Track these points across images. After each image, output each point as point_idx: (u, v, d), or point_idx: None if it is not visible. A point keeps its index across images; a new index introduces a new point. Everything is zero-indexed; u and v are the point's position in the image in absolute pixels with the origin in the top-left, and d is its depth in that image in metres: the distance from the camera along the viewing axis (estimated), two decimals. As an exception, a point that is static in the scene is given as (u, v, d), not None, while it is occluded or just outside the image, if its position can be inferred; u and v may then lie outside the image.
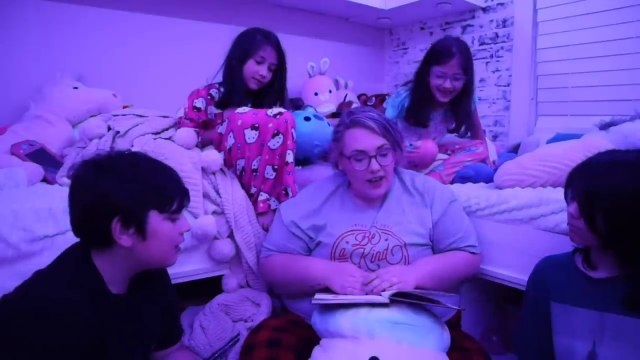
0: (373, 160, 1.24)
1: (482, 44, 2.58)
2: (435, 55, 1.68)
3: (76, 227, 0.91)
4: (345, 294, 1.10)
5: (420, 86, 1.73)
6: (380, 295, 1.06)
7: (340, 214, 1.31)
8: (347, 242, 1.25)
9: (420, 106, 1.74)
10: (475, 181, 1.69)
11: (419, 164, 1.69)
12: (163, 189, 0.93)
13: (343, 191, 1.37)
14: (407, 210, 1.30)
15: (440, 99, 1.69)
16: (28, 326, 0.78)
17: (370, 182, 1.26)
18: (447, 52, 1.64)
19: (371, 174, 1.24)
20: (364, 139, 1.24)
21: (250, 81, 1.66)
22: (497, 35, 2.50)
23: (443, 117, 1.81)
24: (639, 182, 0.90)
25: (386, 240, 1.25)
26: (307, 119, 1.73)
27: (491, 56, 2.53)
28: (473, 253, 1.31)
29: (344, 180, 1.39)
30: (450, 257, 1.28)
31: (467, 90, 1.70)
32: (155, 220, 0.91)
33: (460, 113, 1.75)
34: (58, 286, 0.85)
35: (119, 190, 0.87)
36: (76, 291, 0.85)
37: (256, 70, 1.64)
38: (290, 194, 1.49)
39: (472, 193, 1.52)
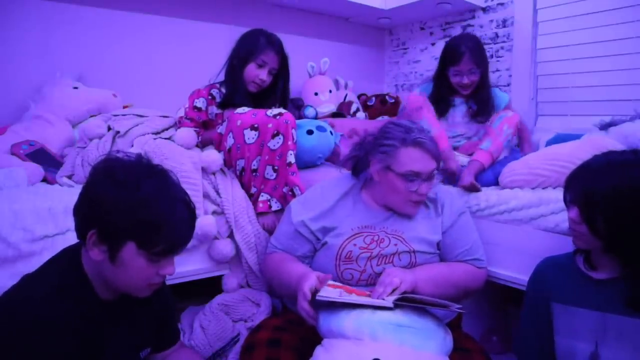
0: (424, 183, 1.23)
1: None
2: (449, 57, 1.84)
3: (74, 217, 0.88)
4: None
5: (440, 84, 1.90)
6: (384, 299, 1.06)
7: (351, 216, 1.29)
8: (355, 245, 1.24)
9: (441, 99, 1.90)
10: None
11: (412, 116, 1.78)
12: (153, 227, 0.83)
13: (356, 192, 1.34)
14: (420, 219, 1.29)
15: (463, 92, 1.86)
16: (11, 331, 0.77)
17: (412, 202, 1.25)
18: (458, 53, 1.80)
19: (418, 196, 1.23)
20: (422, 162, 1.21)
21: (249, 84, 1.65)
22: (497, 35, 2.50)
23: (465, 104, 1.90)
24: (636, 181, 0.90)
25: (395, 245, 1.24)
26: (309, 132, 1.70)
27: (491, 56, 2.53)
28: (478, 267, 1.30)
29: (358, 181, 1.37)
30: (452, 266, 1.27)
31: (483, 79, 1.85)
32: (130, 251, 0.83)
33: (482, 99, 1.87)
34: (44, 290, 0.83)
35: (108, 203, 0.81)
36: (62, 295, 0.83)
37: (256, 75, 1.63)
38: (299, 193, 1.48)
39: (473, 194, 1.52)
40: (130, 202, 0.82)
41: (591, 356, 0.98)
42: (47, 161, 1.54)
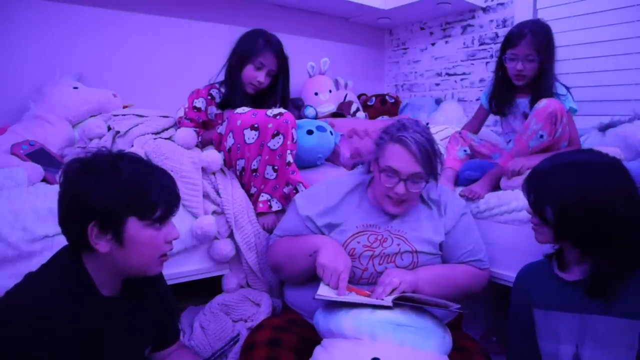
0: (402, 183, 1.20)
1: (482, 44, 2.58)
2: (508, 38, 1.63)
3: (61, 227, 0.89)
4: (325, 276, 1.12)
5: (498, 72, 1.71)
6: (383, 299, 1.07)
7: (357, 214, 1.30)
8: (359, 242, 1.25)
9: (499, 93, 1.71)
10: None
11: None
12: (145, 194, 0.86)
13: (362, 190, 1.34)
14: (423, 220, 1.29)
15: (516, 82, 1.64)
16: (15, 331, 0.77)
17: (390, 199, 1.24)
18: (518, 33, 1.59)
19: (394, 194, 1.22)
20: (402, 160, 1.19)
21: (247, 86, 1.65)
22: (497, 35, 2.50)
23: (529, 103, 1.65)
24: (575, 181, 0.97)
25: (398, 245, 1.24)
26: (309, 132, 1.70)
27: (491, 56, 2.53)
28: (480, 269, 1.30)
29: (364, 179, 1.36)
30: (454, 267, 1.28)
31: (543, 73, 1.59)
32: (135, 227, 0.86)
33: (542, 89, 1.59)
34: (46, 290, 0.83)
35: (96, 192, 0.83)
36: (65, 296, 0.83)
37: (254, 76, 1.63)
38: (303, 189, 1.47)
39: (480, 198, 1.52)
40: (115, 182, 0.85)
41: (574, 358, 1.00)
42: (47, 161, 1.53)
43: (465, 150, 1.75)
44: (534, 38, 1.55)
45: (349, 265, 1.15)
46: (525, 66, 1.57)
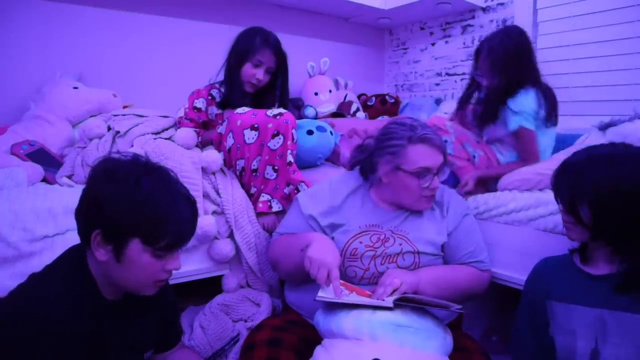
0: (435, 178, 1.23)
1: (482, 44, 2.57)
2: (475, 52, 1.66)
3: (75, 218, 0.88)
4: (311, 271, 1.09)
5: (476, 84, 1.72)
6: (384, 300, 1.07)
7: (359, 214, 1.29)
8: (361, 242, 1.24)
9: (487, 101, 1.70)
10: None
11: None
12: (156, 221, 0.84)
13: (364, 191, 1.34)
14: (426, 221, 1.29)
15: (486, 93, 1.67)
16: (18, 331, 0.77)
17: (425, 197, 1.25)
18: (477, 49, 1.64)
19: (430, 191, 1.23)
20: (432, 157, 1.22)
21: (246, 84, 1.65)
22: (497, 36, 2.50)
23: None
24: (613, 172, 0.94)
25: (400, 245, 1.24)
26: (309, 132, 1.70)
27: (491, 56, 2.53)
28: (482, 270, 1.29)
29: (366, 180, 1.36)
30: (455, 268, 1.27)
31: (501, 88, 1.58)
32: (137, 248, 0.84)
33: (486, 102, 1.65)
34: (50, 292, 0.83)
35: (109, 202, 0.82)
36: (68, 298, 0.83)
37: (252, 74, 1.63)
38: (305, 188, 1.47)
39: (471, 196, 1.53)
40: (131, 199, 0.83)
41: (592, 353, 0.98)
42: (47, 161, 1.54)
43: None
44: (489, 53, 1.57)
45: (337, 261, 1.12)
46: (484, 81, 1.62)
